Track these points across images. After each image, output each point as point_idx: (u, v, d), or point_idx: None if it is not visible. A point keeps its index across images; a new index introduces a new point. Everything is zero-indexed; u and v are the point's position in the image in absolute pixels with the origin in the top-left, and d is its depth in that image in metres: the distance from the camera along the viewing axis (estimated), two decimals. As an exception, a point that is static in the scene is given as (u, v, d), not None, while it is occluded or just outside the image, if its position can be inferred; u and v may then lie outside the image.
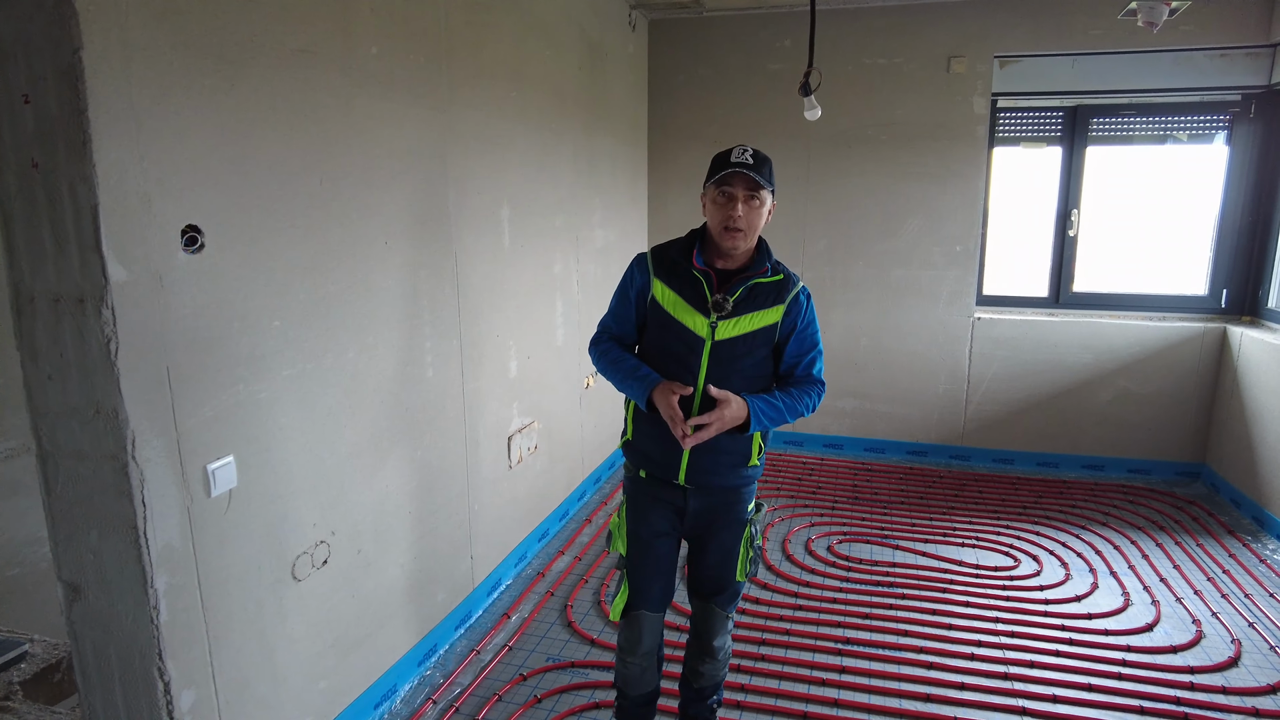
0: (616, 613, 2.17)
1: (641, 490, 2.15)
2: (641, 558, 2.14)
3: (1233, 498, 4.23)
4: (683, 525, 2.14)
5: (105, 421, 1.61)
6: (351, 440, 2.34)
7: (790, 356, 2.08)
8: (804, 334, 2.07)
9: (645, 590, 2.15)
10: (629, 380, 2.06)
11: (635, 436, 2.14)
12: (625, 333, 2.17)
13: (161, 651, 1.73)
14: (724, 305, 1.97)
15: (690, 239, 2.08)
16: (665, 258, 2.08)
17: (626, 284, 2.15)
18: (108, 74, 1.51)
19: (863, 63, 4.69)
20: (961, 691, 2.68)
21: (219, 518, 1.87)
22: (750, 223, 1.97)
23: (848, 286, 4.94)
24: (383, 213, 2.42)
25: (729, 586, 2.17)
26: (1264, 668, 2.80)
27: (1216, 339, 4.42)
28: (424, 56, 2.59)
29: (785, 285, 2.04)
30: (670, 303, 2.03)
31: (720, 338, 1.99)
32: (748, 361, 2.01)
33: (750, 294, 2.00)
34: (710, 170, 2.01)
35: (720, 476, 2.06)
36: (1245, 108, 4.38)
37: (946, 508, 4.26)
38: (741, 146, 1.97)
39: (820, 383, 2.11)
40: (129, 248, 1.58)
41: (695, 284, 2.01)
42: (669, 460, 2.05)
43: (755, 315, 2.00)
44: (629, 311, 2.15)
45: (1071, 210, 4.69)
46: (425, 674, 2.77)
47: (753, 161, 1.94)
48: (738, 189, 1.95)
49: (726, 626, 2.21)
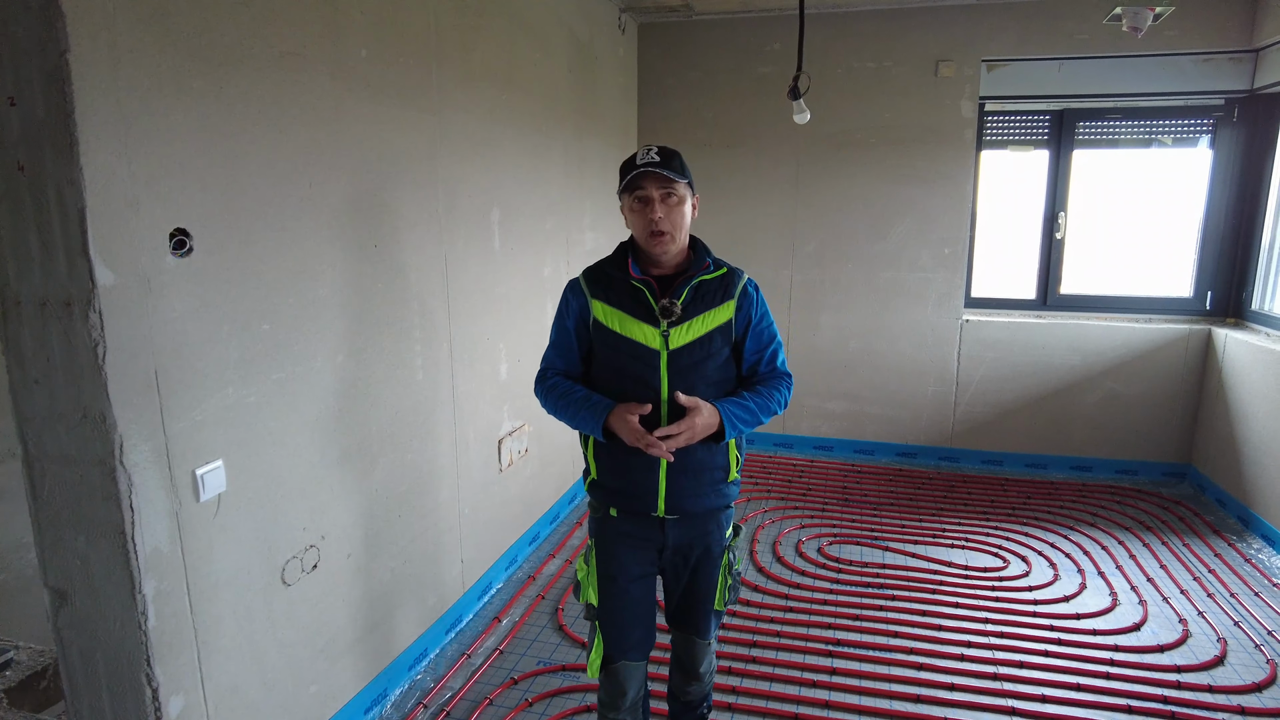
0: (594, 669, 2.02)
1: (613, 530, 1.99)
2: (617, 605, 1.98)
3: (1218, 498, 4.27)
4: (660, 560, 2.00)
5: (92, 426, 1.60)
6: (341, 444, 2.33)
7: (750, 354, 1.97)
8: (759, 327, 1.96)
9: (623, 640, 1.99)
10: (581, 412, 1.90)
11: (600, 473, 1.98)
12: (570, 365, 2.01)
13: (150, 657, 1.72)
14: (672, 309, 1.85)
15: (621, 252, 1.96)
16: (600, 275, 1.95)
17: (563, 313, 1.99)
18: (95, 76, 1.50)
19: (851, 66, 4.71)
20: (951, 692, 2.69)
21: (208, 522, 1.86)
22: (674, 222, 1.86)
23: (837, 288, 4.95)
24: (372, 216, 2.41)
25: (709, 617, 2.06)
26: (1249, 666, 2.83)
27: (1201, 341, 4.46)
28: (414, 59, 2.59)
29: (731, 279, 1.93)
30: (615, 320, 1.89)
31: (675, 345, 1.86)
32: (710, 365, 1.90)
33: (697, 294, 1.89)
34: (620, 178, 1.89)
35: (702, 499, 1.93)
36: (1228, 111, 4.43)
37: (936, 509, 4.28)
38: (647, 146, 1.86)
39: (787, 375, 2.01)
40: (117, 251, 1.57)
41: (637, 294, 1.89)
42: (644, 492, 1.91)
43: (707, 315, 1.89)
44: (570, 341, 1.99)
45: (1059, 213, 4.73)
46: (416, 678, 2.76)
47: (659, 158, 1.82)
48: (651, 190, 1.84)
49: (709, 651, 2.11)
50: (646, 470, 1.89)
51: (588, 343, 1.98)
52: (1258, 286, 4.37)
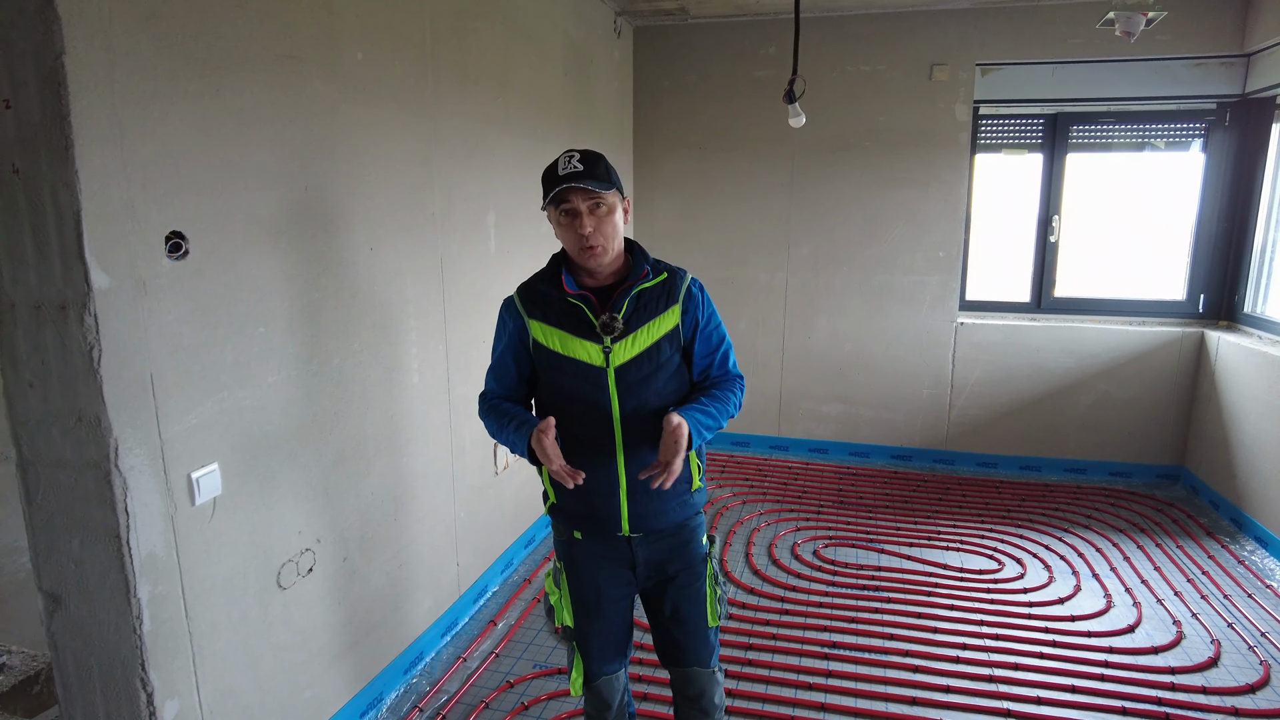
0: (577, 688, 1.95)
1: (580, 552, 1.90)
2: (595, 628, 1.92)
3: (1211, 500, 4.28)
4: (636, 579, 1.91)
5: (87, 429, 1.59)
6: (337, 447, 2.33)
7: (701, 358, 1.87)
8: (708, 330, 1.86)
9: (603, 657, 1.94)
10: (510, 437, 1.79)
11: (560, 498, 1.88)
12: (509, 389, 1.90)
13: (145, 662, 1.71)
14: (614, 325, 1.74)
15: (554, 266, 1.84)
16: (535, 293, 1.83)
17: (500, 335, 1.89)
18: (91, 79, 1.50)
19: (846, 70, 4.72)
20: (947, 694, 2.70)
21: (203, 526, 1.85)
22: (605, 234, 1.74)
23: (832, 292, 4.96)
24: (368, 219, 2.41)
25: (705, 641, 1.95)
26: (1243, 667, 2.84)
27: (1194, 343, 4.48)
28: (409, 62, 2.59)
29: (673, 282, 1.83)
30: (555, 340, 1.79)
31: (620, 361, 1.76)
32: (660, 377, 1.79)
33: (638, 303, 1.78)
34: (543, 190, 1.75)
35: (668, 514, 1.85)
36: (1220, 116, 4.45)
37: (931, 511, 4.29)
38: (568, 154, 1.72)
39: (739, 377, 1.92)
40: (112, 254, 1.57)
41: (574, 311, 1.78)
42: (605, 513, 1.82)
43: (651, 325, 1.78)
44: (509, 365, 1.88)
45: (1052, 216, 4.75)
46: (411, 682, 2.76)
47: (583, 167, 1.69)
48: (578, 203, 1.71)
49: (716, 682, 2.00)
50: (607, 494, 1.80)
51: (529, 364, 1.87)
52: (1250, 290, 4.39)
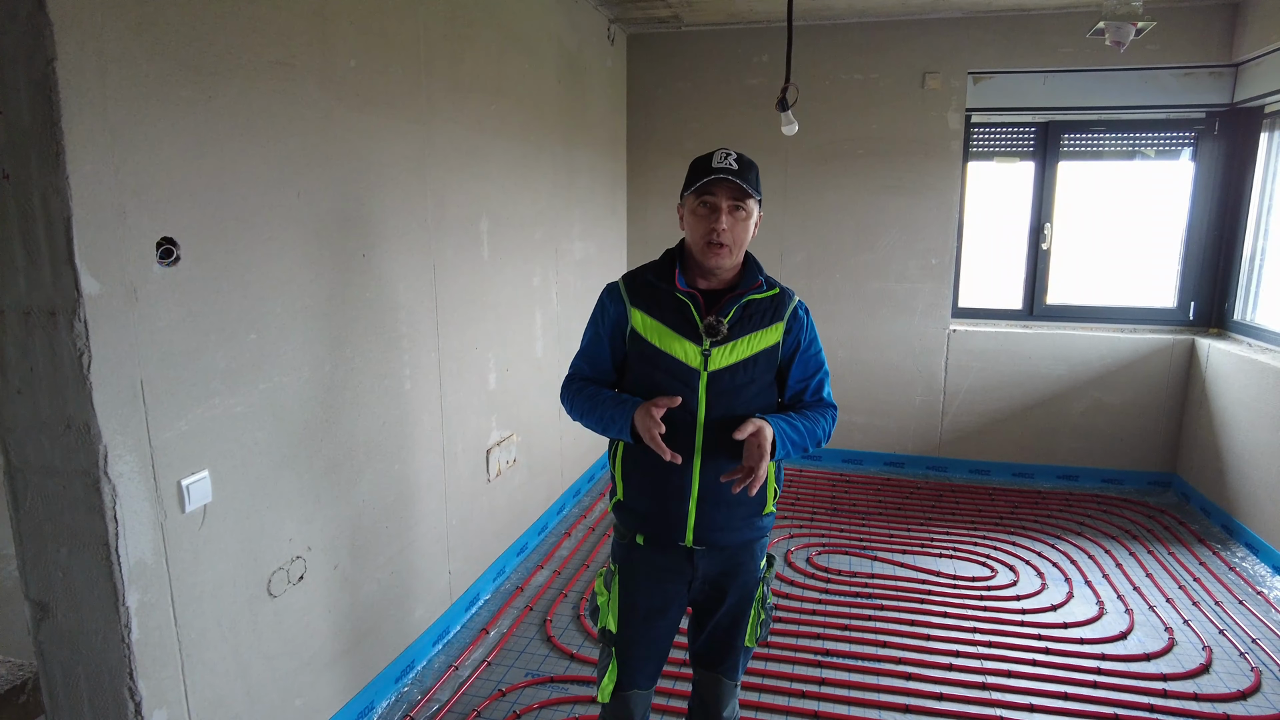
0: (605, 694, 1.89)
1: (639, 559, 1.85)
2: (638, 637, 1.87)
3: (1203, 506, 4.30)
4: (689, 593, 1.88)
5: (76, 436, 1.58)
6: (329, 454, 2.32)
7: (796, 381, 1.84)
8: (808, 354, 1.84)
9: (639, 671, 1.89)
10: (610, 411, 1.75)
11: (627, 494, 1.84)
12: (601, 374, 1.88)
13: (133, 671, 1.70)
14: (718, 328, 1.72)
15: (668, 259, 1.82)
16: (642, 282, 1.81)
17: (598, 318, 1.86)
18: (82, 85, 1.50)
19: (839, 78, 4.75)
20: (940, 702, 2.70)
21: (193, 533, 1.84)
22: (736, 237, 1.73)
23: (825, 299, 4.97)
24: (361, 225, 2.41)
25: (738, 655, 1.92)
26: (1234, 674, 2.84)
27: (1185, 351, 4.51)
28: (403, 69, 2.59)
29: (782, 300, 1.81)
30: (654, 332, 1.76)
31: (716, 367, 1.73)
32: (751, 390, 1.76)
33: (744, 313, 1.76)
34: (689, 177, 1.75)
35: (734, 532, 1.80)
36: (1209, 125, 4.49)
37: (924, 518, 4.29)
38: (724, 150, 1.71)
39: (833, 406, 1.87)
40: (102, 260, 1.56)
41: (681, 308, 1.75)
42: (673, 518, 1.77)
43: (753, 337, 1.76)
44: (603, 350, 1.86)
45: (1044, 224, 4.77)
46: (403, 690, 2.74)
47: (737, 167, 1.69)
48: (721, 199, 1.70)
49: (735, 693, 1.98)
50: (678, 498, 1.76)
51: (622, 353, 1.85)
52: (1239, 297, 4.42)
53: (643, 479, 1.81)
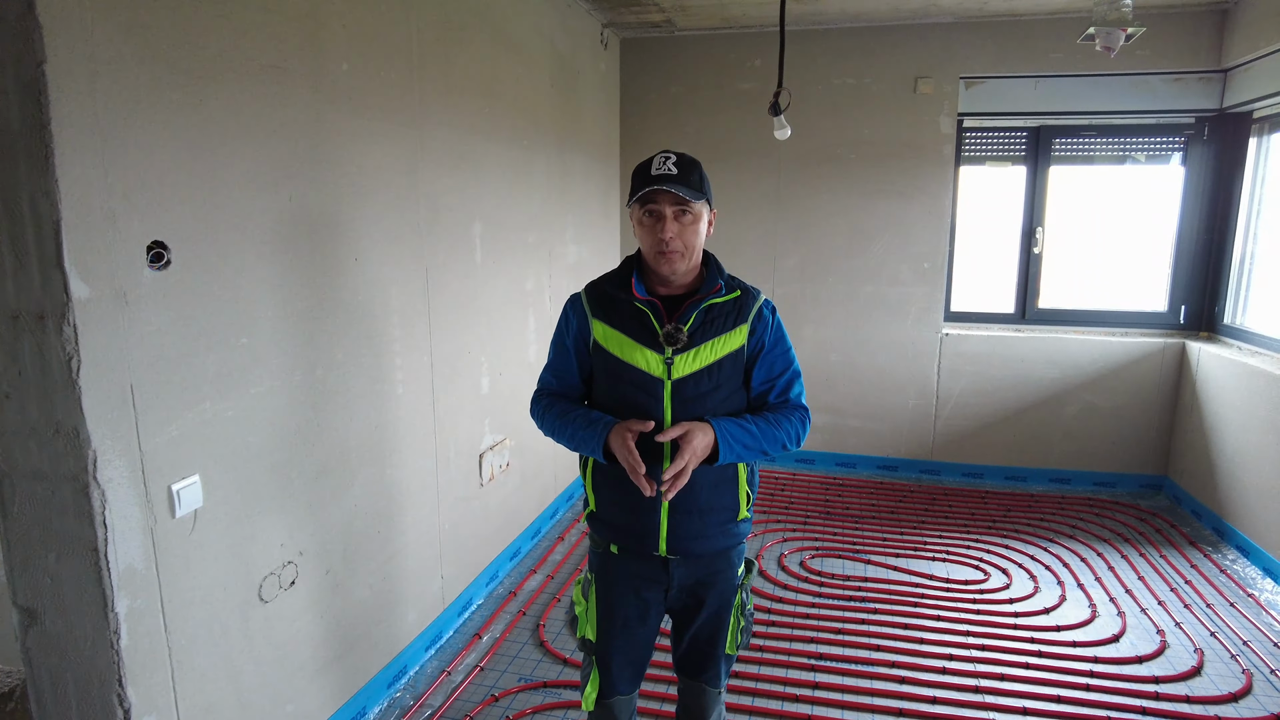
0: (589, 702, 1.89)
1: (614, 567, 1.85)
2: (617, 645, 1.86)
3: (1194, 509, 4.32)
4: (666, 601, 1.86)
5: (65, 441, 1.57)
6: (320, 459, 2.31)
7: (760, 382, 1.81)
8: (773, 354, 1.80)
9: (620, 678, 1.89)
10: (581, 432, 1.73)
11: (600, 506, 1.84)
12: (569, 388, 1.87)
13: (122, 677, 1.68)
14: (678, 336, 1.70)
15: (626, 267, 1.81)
16: (601, 293, 1.80)
17: (562, 331, 1.85)
18: (72, 88, 1.49)
19: (832, 83, 4.76)
20: (933, 705, 2.70)
21: (184, 539, 1.83)
22: (687, 242, 1.70)
23: (818, 303, 4.98)
24: (353, 229, 2.40)
25: (719, 662, 1.92)
26: (1225, 676, 2.85)
27: (1176, 354, 4.53)
28: (395, 73, 2.59)
29: (745, 301, 1.78)
30: (615, 343, 1.75)
31: (680, 375, 1.71)
32: (717, 396, 1.74)
33: (706, 318, 1.74)
34: (631, 186, 1.72)
35: (708, 540, 1.78)
36: (1199, 130, 4.52)
37: (917, 522, 4.29)
38: (663, 154, 1.68)
39: (801, 408, 1.83)
40: (92, 264, 1.56)
41: (640, 317, 1.74)
42: (644, 529, 1.76)
43: (716, 342, 1.73)
44: (570, 363, 1.85)
45: (1036, 228, 4.79)
46: (395, 696, 2.73)
47: (676, 171, 1.66)
48: (664, 205, 1.68)
49: (720, 701, 1.97)
50: (646, 507, 1.74)
51: (588, 365, 1.84)
52: (1229, 301, 4.45)
53: (613, 491, 1.79)
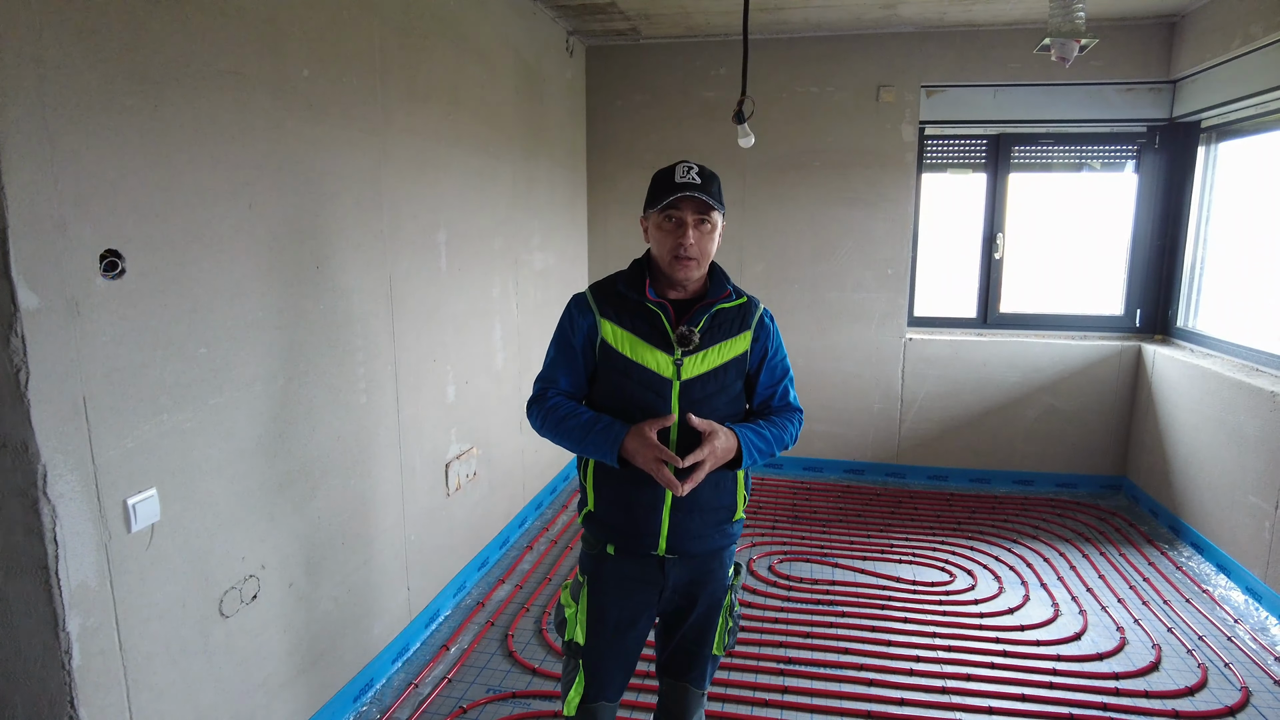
0: (571, 707, 1.87)
1: (610, 570, 1.85)
2: (606, 650, 1.85)
3: (1151, 508, 4.42)
4: (659, 603, 1.87)
5: (13, 456, 1.53)
6: (282, 470, 2.27)
7: (764, 388, 1.88)
8: (774, 361, 1.88)
9: (607, 684, 1.87)
10: (590, 436, 1.74)
11: (599, 506, 1.84)
12: (576, 388, 1.87)
13: (74, 699, 1.63)
14: (690, 338, 1.74)
15: (637, 270, 1.83)
16: (611, 293, 1.82)
17: (566, 330, 1.84)
18: (18, 92, 1.45)
19: (795, 91, 4.81)
20: (901, 707, 2.72)
21: (140, 554, 1.79)
22: (703, 249, 1.76)
23: (784, 309, 5.02)
24: (314, 236, 2.37)
25: (705, 664, 1.93)
26: (1182, 671, 2.92)
27: (1132, 357, 4.64)
28: (357, 79, 2.56)
29: (748, 309, 1.85)
30: (625, 343, 1.77)
31: (688, 376, 1.75)
32: (721, 399, 1.79)
33: (714, 322, 1.79)
34: (652, 193, 1.78)
35: (706, 540, 1.81)
36: (1150, 138, 4.64)
37: (884, 525, 4.34)
38: (685, 164, 1.74)
39: (798, 410, 1.92)
40: (42, 273, 1.51)
41: (652, 318, 1.77)
42: (645, 529, 1.78)
43: (723, 346, 1.79)
44: (576, 361, 1.84)
45: (997, 234, 4.88)
46: (361, 710, 2.68)
47: (700, 181, 1.72)
48: (687, 213, 1.73)
49: (702, 703, 1.97)
50: (648, 506, 1.77)
51: (593, 364, 1.84)
52: (1182, 305, 4.57)
53: (615, 490, 1.80)
